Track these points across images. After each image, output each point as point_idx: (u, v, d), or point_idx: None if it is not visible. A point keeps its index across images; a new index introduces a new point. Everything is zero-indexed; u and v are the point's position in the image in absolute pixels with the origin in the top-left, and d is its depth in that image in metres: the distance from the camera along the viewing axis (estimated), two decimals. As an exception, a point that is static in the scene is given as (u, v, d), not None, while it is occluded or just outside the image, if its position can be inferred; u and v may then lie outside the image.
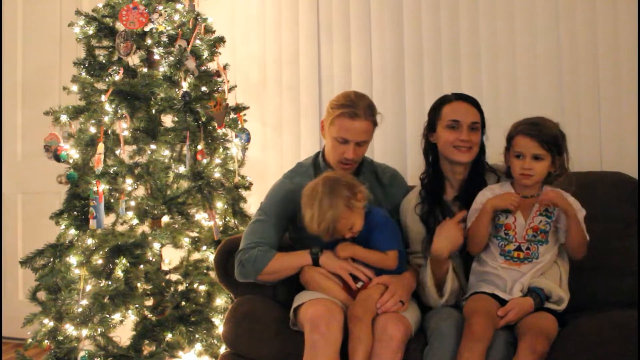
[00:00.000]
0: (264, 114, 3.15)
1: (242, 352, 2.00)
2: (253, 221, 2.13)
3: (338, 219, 1.86)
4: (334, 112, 2.04)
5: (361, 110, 2.02)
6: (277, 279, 2.05)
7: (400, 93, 2.88)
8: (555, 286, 1.83)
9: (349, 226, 1.89)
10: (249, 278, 2.04)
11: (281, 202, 2.11)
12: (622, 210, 2.18)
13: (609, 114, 2.51)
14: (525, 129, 1.83)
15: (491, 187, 1.95)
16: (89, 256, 2.38)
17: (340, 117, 2.02)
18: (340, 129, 2.02)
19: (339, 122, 2.03)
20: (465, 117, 1.96)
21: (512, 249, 1.87)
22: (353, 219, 1.89)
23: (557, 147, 1.83)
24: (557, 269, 1.88)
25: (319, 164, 2.18)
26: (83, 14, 2.57)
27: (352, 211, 1.88)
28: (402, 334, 1.78)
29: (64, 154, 2.48)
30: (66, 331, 2.35)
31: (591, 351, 1.71)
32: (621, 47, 2.48)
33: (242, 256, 2.04)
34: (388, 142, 2.86)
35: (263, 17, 3.16)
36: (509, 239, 1.88)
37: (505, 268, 1.86)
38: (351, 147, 2.03)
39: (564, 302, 1.84)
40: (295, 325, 1.92)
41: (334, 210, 1.84)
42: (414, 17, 2.84)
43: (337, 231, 1.89)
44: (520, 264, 1.85)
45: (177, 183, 2.51)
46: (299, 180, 2.11)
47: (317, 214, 1.85)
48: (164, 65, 2.51)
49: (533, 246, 1.85)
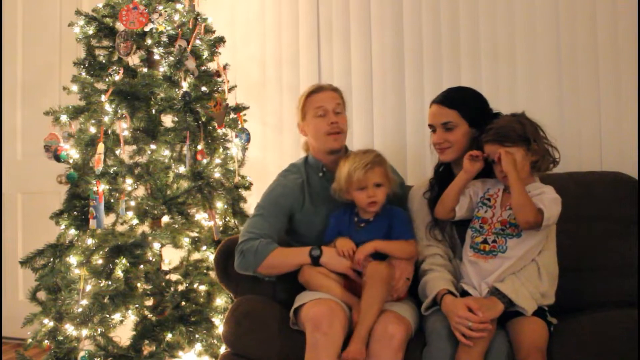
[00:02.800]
0: (264, 114, 3.15)
1: (242, 352, 2.00)
2: (252, 216, 2.15)
3: (373, 171, 1.96)
4: (304, 99, 2.20)
5: (323, 86, 2.23)
6: (275, 274, 2.07)
7: (400, 93, 2.88)
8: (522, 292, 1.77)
9: (372, 191, 1.96)
10: (249, 269, 2.04)
11: (278, 198, 2.14)
12: (622, 210, 2.18)
13: (609, 114, 2.51)
14: (488, 138, 1.87)
15: (483, 180, 1.96)
16: (89, 256, 2.38)
17: (310, 96, 2.19)
18: (313, 104, 2.16)
19: (310, 101, 2.17)
20: (436, 120, 2.02)
21: (479, 242, 1.87)
22: (381, 189, 1.98)
23: (522, 138, 1.84)
24: (534, 267, 1.84)
25: (309, 162, 2.24)
26: (83, 14, 2.57)
27: (385, 180, 1.98)
28: (403, 333, 1.79)
29: (64, 154, 2.48)
30: (66, 331, 2.35)
31: (591, 351, 1.72)
32: (621, 47, 2.48)
33: (243, 246, 2.05)
34: (388, 142, 2.86)
35: (263, 17, 3.16)
36: (482, 231, 1.89)
37: (473, 262, 1.86)
38: (330, 114, 2.13)
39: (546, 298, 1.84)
40: (296, 324, 1.93)
41: (374, 163, 1.97)
42: (414, 17, 2.84)
43: (364, 186, 1.96)
44: (486, 257, 1.84)
45: (177, 183, 2.51)
46: (294, 177, 2.18)
47: (359, 159, 1.97)
48: (164, 65, 2.52)
49: (500, 239, 1.85)
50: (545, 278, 1.83)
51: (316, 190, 2.17)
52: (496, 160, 1.84)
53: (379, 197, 1.97)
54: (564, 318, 1.87)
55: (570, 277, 2.01)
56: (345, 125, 2.17)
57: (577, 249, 2.10)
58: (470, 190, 1.95)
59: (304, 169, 2.22)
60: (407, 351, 1.80)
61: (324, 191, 2.13)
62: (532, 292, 1.78)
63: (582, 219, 2.16)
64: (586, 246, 2.14)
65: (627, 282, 2.08)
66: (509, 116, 1.92)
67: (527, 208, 1.78)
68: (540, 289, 1.81)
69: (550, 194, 1.83)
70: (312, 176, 2.19)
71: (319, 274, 1.97)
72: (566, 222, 1.89)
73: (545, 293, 1.83)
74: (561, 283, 1.91)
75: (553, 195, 1.83)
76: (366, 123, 2.92)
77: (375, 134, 2.91)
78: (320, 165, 2.19)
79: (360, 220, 2.04)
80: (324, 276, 1.96)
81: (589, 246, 2.14)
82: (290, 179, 2.19)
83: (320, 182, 2.18)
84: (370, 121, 2.91)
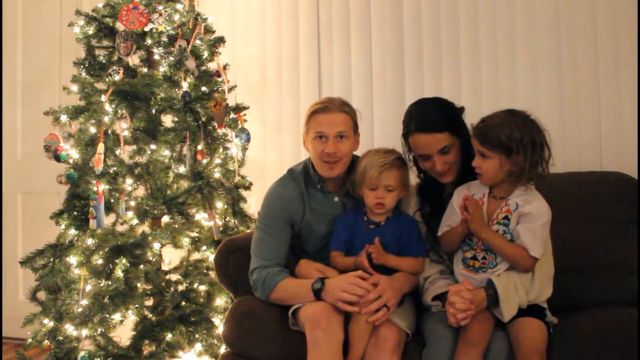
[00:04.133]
0: (264, 114, 3.15)
1: (242, 352, 2.00)
2: (258, 237, 2.08)
3: (388, 173, 1.90)
4: (309, 114, 2.06)
5: (333, 104, 2.04)
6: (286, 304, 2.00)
7: (400, 93, 2.88)
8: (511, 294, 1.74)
9: (382, 193, 1.91)
10: (262, 299, 2.02)
11: (279, 213, 2.07)
12: (622, 210, 2.18)
13: (609, 114, 2.51)
14: (474, 131, 1.82)
15: (468, 184, 1.91)
16: (89, 256, 2.38)
17: (314, 115, 2.04)
18: (315, 125, 2.02)
19: (313, 120, 2.03)
20: (433, 149, 1.91)
21: (469, 257, 1.84)
22: (392, 194, 1.92)
23: (503, 147, 1.74)
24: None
25: (309, 173, 2.13)
26: (83, 14, 2.57)
27: (399, 183, 1.93)
28: (396, 335, 1.79)
29: (64, 154, 2.48)
30: (66, 331, 2.35)
31: (591, 351, 1.72)
32: (621, 47, 2.48)
33: (253, 277, 2.03)
34: (388, 142, 2.84)
35: (263, 17, 3.17)
36: (471, 245, 1.85)
37: (463, 274, 1.83)
38: (330, 142, 1.99)
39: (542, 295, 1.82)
40: (295, 324, 1.92)
41: (392, 165, 1.92)
42: (414, 17, 2.84)
43: (376, 186, 1.92)
44: (476, 273, 1.81)
45: (177, 183, 2.51)
46: (292, 187, 2.10)
47: (378, 158, 1.93)
48: (164, 65, 2.52)
49: (490, 256, 1.81)
50: (538, 280, 1.81)
51: (316, 200, 2.10)
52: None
53: (387, 200, 1.93)
54: (564, 318, 1.87)
55: (570, 277, 2.02)
56: (346, 151, 2.02)
57: (577, 249, 2.10)
58: (455, 200, 1.90)
59: (302, 179, 2.12)
60: (406, 352, 1.80)
61: (323, 202, 2.09)
62: (521, 297, 1.76)
63: (582, 219, 2.16)
64: (586, 246, 2.14)
65: (627, 282, 2.09)
66: (507, 116, 1.79)
67: (518, 262, 1.75)
68: (530, 295, 1.79)
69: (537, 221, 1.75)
70: (310, 187, 2.11)
71: (315, 272, 1.97)
72: (566, 222, 1.88)
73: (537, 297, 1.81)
74: (561, 283, 1.90)
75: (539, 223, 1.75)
76: (366, 123, 2.91)
77: (375, 134, 2.91)
78: (318, 179, 2.10)
79: (370, 221, 1.99)
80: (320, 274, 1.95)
81: (589, 246, 2.14)
82: (289, 189, 2.10)
83: (320, 193, 2.11)
84: (370, 121, 2.91)
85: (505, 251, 1.76)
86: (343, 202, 2.10)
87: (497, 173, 1.78)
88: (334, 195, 2.10)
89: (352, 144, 2.05)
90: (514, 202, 1.80)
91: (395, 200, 1.96)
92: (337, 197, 2.10)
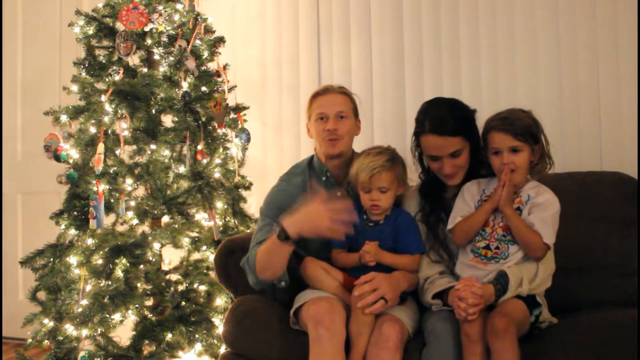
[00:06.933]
0: (264, 114, 3.15)
1: (242, 352, 2.00)
2: (256, 228, 2.12)
3: (379, 176, 1.91)
4: (310, 99, 2.16)
5: (332, 87, 2.16)
6: (276, 272, 1.98)
7: (400, 93, 2.88)
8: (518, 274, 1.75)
9: (376, 195, 1.92)
10: (254, 280, 2.01)
11: (280, 203, 2.08)
12: (622, 210, 2.17)
13: (609, 114, 2.51)
14: (498, 125, 1.82)
15: (478, 181, 1.93)
16: (89, 256, 2.38)
17: (314, 98, 2.14)
18: (316, 107, 2.11)
19: (314, 103, 2.13)
20: (444, 151, 1.91)
21: (482, 247, 1.84)
22: (386, 195, 1.93)
23: (533, 136, 1.81)
24: (533, 265, 1.80)
25: (313, 164, 2.20)
26: (83, 14, 2.57)
27: (394, 183, 1.94)
28: (398, 333, 1.78)
29: (64, 154, 2.48)
30: (66, 331, 2.35)
31: (591, 351, 1.71)
32: (621, 47, 2.48)
33: (242, 261, 2.04)
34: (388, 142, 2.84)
35: (263, 17, 3.17)
36: (484, 235, 1.85)
37: (471, 265, 1.83)
38: (331, 120, 2.07)
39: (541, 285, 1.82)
40: (296, 324, 1.92)
41: (382, 168, 1.91)
42: (414, 17, 2.84)
43: (368, 190, 1.92)
44: (487, 263, 1.81)
45: (177, 183, 2.51)
46: (296, 181, 2.15)
47: (368, 162, 1.92)
48: (164, 65, 2.52)
49: (503, 245, 1.82)
50: (541, 274, 1.81)
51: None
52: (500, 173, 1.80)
53: (382, 201, 1.94)
54: (563, 318, 1.87)
55: (570, 277, 2.02)
56: (347, 130, 2.08)
57: (577, 249, 2.10)
58: (466, 195, 1.91)
59: (307, 172, 2.18)
60: (406, 351, 1.79)
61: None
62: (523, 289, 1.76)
63: (582, 219, 2.16)
64: (586, 246, 2.14)
65: (627, 282, 2.08)
66: (520, 111, 1.85)
67: (532, 247, 1.76)
68: (531, 285, 1.79)
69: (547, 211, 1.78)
70: (315, 179, 2.15)
71: (320, 270, 1.97)
72: (566, 222, 1.88)
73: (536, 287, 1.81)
74: (561, 283, 1.90)
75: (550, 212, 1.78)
76: (366, 123, 2.91)
77: (375, 134, 2.91)
78: (324, 170, 2.15)
79: (369, 219, 2.00)
80: (325, 272, 1.96)
81: (589, 246, 2.14)
82: (293, 183, 2.15)
83: (324, 186, 2.11)
84: (370, 121, 2.91)
85: (523, 232, 1.77)
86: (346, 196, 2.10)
87: (527, 166, 1.81)
88: (337, 189, 2.11)
89: (352, 125, 2.12)
90: (526, 194, 1.84)
91: (392, 198, 1.97)
92: (340, 192, 2.11)
